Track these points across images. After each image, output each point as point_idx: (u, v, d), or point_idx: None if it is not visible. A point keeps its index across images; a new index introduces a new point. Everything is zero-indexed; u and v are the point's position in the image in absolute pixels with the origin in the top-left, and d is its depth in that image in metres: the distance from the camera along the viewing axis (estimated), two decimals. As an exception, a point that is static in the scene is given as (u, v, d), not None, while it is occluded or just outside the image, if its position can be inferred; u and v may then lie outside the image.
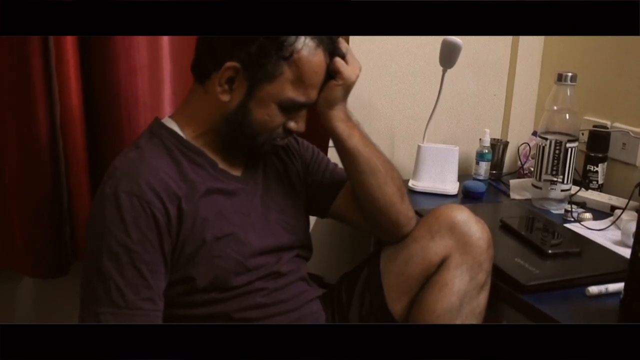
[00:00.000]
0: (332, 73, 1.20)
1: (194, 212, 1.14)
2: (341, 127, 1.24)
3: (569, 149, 1.69)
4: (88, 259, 1.10)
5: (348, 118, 1.26)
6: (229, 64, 1.13)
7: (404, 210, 1.30)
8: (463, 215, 1.28)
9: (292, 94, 1.15)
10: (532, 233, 1.49)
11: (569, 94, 1.70)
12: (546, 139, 1.71)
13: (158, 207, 1.10)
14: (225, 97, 1.16)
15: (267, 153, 1.28)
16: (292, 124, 1.21)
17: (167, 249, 1.11)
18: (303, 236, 1.34)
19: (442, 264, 1.26)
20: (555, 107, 1.72)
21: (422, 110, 1.92)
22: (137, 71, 1.48)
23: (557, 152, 1.69)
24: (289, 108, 1.17)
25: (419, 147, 1.86)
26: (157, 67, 1.51)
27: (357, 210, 1.33)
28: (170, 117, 1.24)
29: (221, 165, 1.22)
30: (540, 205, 1.75)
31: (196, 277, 1.14)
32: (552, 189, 1.72)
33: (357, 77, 1.22)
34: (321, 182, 1.38)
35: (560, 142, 1.69)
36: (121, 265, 1.07)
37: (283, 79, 1.14)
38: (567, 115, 1.71)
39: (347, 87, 1.21)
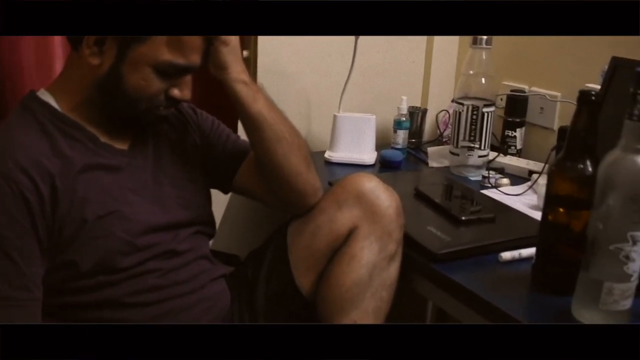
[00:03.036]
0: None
1: (71, 190, 1.05)
2: (244, 90, 1.16)
3: (486, 114, 1.65)
4: None
5: (251, 81, 1.18)
6: None
7: (311, 180, 1.23)
8: (370, 184, 1.22)
9: (168, 56, 1.06)
10: (447, 200, 1.44)
11: (484, 57, 1.66)
12: (462, 104, 1.67)
13: (28, 187, 1.00)
14: (95, 60, 1.06)
15: (151, 124, 1.19)
16: (175, 92, 1.11)
17: (41, 232, 1.02)
18: (203, 212, 1.25)
19: (350, 235, 1.20)
20: (471, 72, 1.68)
21: (339, 79, 1.85)
22: (21, 39, 1.36)
23: (473, 117, 1.65)
24: (167, 72, 1.08)
25: (334, 116, 1.79)
26: (44, 37, 1.40)
27: (262, 182, 1.25)
28: (45, 88, 1.13)
29: (103, 139, 1.13)
30: (458, 172, 1.71)
31: (78, 261, 1.05)
32: (470, 155, 1.68)
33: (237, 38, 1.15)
34: (222, 154, 1.29)
35: (477, 107, 1.65)
36: None
37: (156, 38, 1.04)
38: (483, 80, 1.67)
39: (232, 49, 1.13)
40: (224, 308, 1.24)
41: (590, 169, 1.04)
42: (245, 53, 1.71)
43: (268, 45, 1.79)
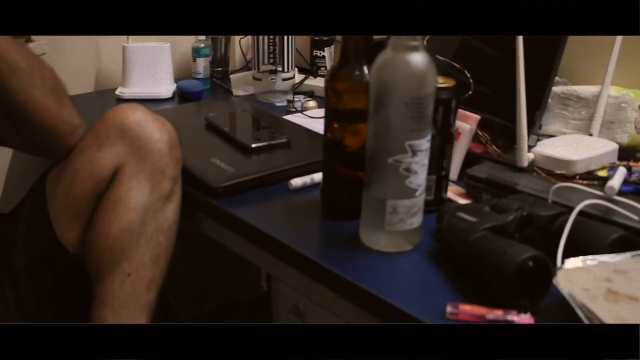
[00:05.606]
0: None
1: None
2: None
3: (286, 33, 1.52)
4: None
5: None
6: None
7: (65, 117, 1.04)
8: (136, 116, 1.05)
9: None
10: (239, 129, 1.30)
11: (279, -30, 1.51)
12: (259, 23, 1.52)
13: None
14: None
15: None
16: None
17: None
18: None
19: (114, 177, 1.04)
20: (266, -13, 1.53)
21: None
22: None
23: (272, 37, 1.51)
24: None
25: (123, 48, 1.60)
26: None
27: (6, 124, 1.05)
28: None
29: None
30: (264, 99, 1.58)
31: None
32: (273, 79, 1.55)
33: None
34: None
35: (275, 26, 1.50)
36: None
37: None
38: (281, -5, 1.53)
39: None
40: (-25, 276, 1.05)
41: (366, 76, 0.93)
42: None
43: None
